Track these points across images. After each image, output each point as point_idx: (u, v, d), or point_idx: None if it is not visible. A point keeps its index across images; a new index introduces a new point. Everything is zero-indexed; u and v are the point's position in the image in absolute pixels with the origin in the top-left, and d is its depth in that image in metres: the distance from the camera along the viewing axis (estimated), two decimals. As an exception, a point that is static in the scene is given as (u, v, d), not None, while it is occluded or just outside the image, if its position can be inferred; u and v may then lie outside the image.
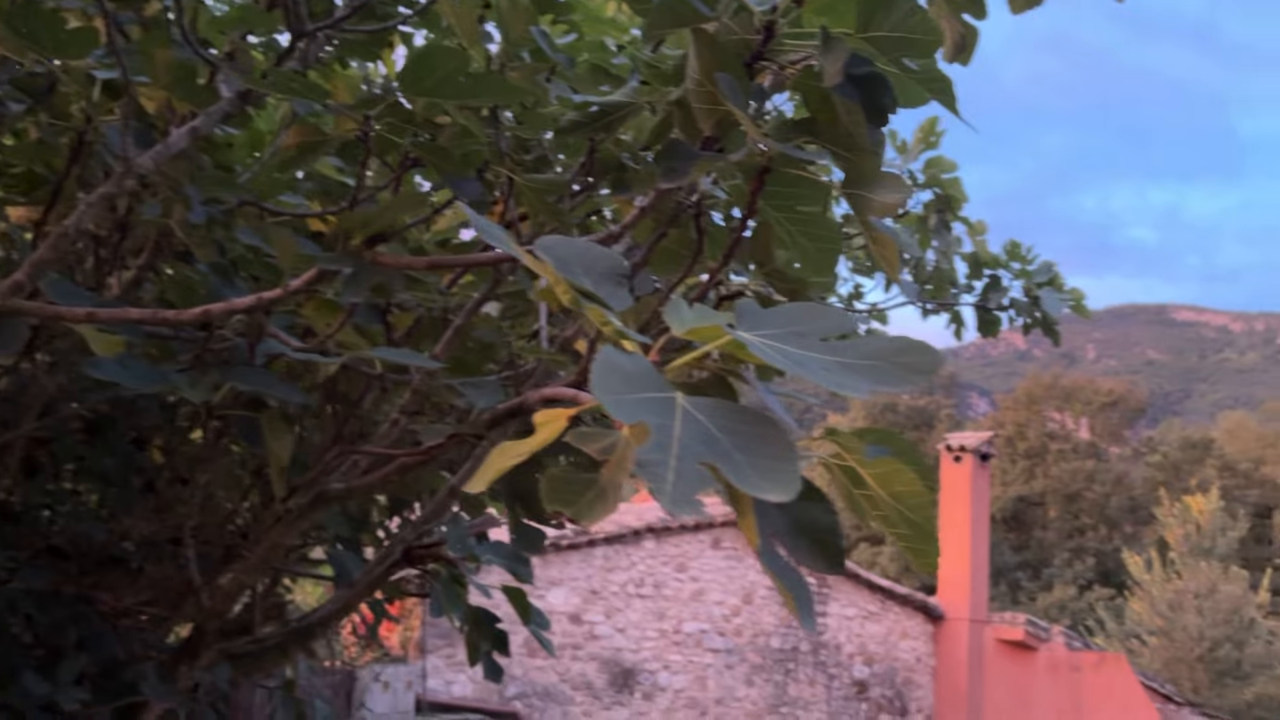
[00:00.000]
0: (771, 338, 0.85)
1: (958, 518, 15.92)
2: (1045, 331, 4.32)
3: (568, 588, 12.52)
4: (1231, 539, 21.71)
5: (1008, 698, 15.26)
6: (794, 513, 0.86)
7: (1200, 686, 17.21)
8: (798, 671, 13.94)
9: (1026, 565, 34.73)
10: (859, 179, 1.15)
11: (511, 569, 2.11)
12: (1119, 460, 39.20)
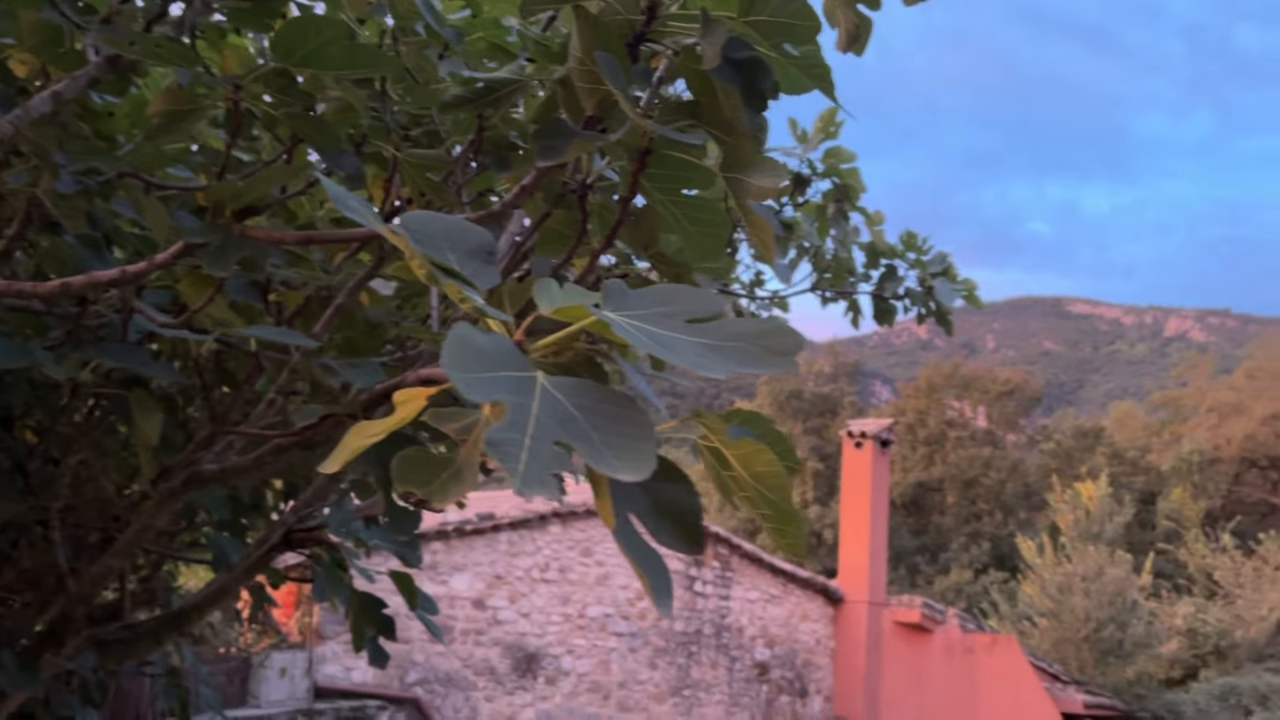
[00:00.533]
0: (638, 318, 0.85)
1: (858, 502, 16.28)
2: (939, 321, 4.42)
3: (471, 573, 12.45)
4: (1118, 524, 22.58)
5: (904, 678, 15.69)
6: (656, 494, 0.86)
7: (1086, 665, 17.89)
8: (700, 654, 14.10)
9: (925, 549, 35.66)
10: (737, 163, 1.16)
11: (399, 553, 2.08)
12: (1015, 448, 40.45)
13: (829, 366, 40.14)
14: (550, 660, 12.80)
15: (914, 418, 38.63)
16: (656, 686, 13.58)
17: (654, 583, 0.79)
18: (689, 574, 14.16)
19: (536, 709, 12.57)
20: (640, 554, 0.79)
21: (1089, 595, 18.21)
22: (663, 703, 13.58)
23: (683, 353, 0.82)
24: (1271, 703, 16.96)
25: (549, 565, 13.06)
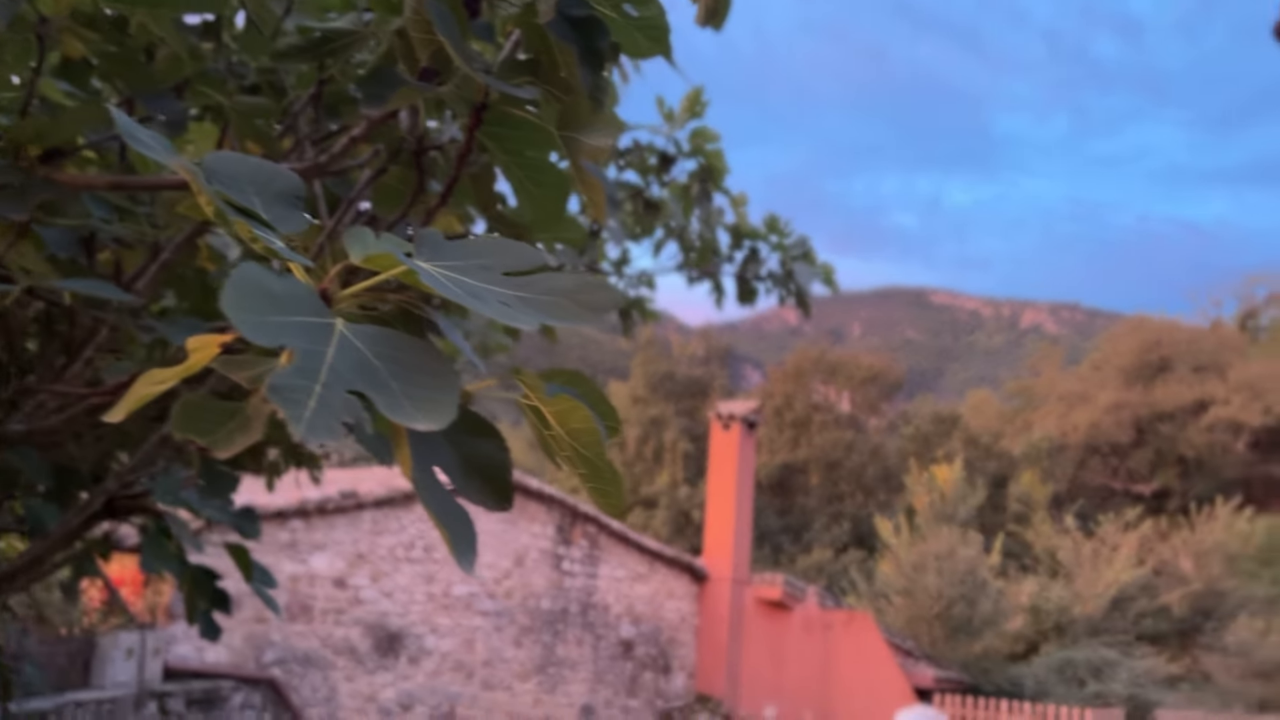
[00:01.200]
0: (451, 268, 0.82)
1: (725, 482, 16.56)
2: (798, 302, 4.51)
3: (333, 551, 12.18)
4: (971, 506, 23.59)
5: (764, 654, 16.07)
6: (464, 449, 0.84)
7: (937, 641, 18.66)
8: (566, 632, 14.14)
9: (789, 529, 36.56)
10: (572, 121, 1.14)
11: (235, 524, 2.00)
12: (876, 432, 41.78)
13: (702, 350, 40.71)
14: (413, 639, 12.65)
15: (782, 401, 39.49)
16: (521, 665, 13.57)
17: (456, 537, 0.77)
18: (557, 553, 14.18)
19: (398, 688, 12.41)
20: (442, 508, 0.77)
21: (941, 574, 18.97)
22: (527, 681, 13.58)
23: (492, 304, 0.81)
24: (1104, 674, 18.03)
25: (413, 544, 12.88)
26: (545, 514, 14.16)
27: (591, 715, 14.30)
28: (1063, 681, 17.99)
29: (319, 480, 3.96)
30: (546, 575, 14.03)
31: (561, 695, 13.93)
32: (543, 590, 13.98)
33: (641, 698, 15.07)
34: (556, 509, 14.30)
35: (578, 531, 14.52)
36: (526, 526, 13.91)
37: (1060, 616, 21.59)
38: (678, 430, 36.04)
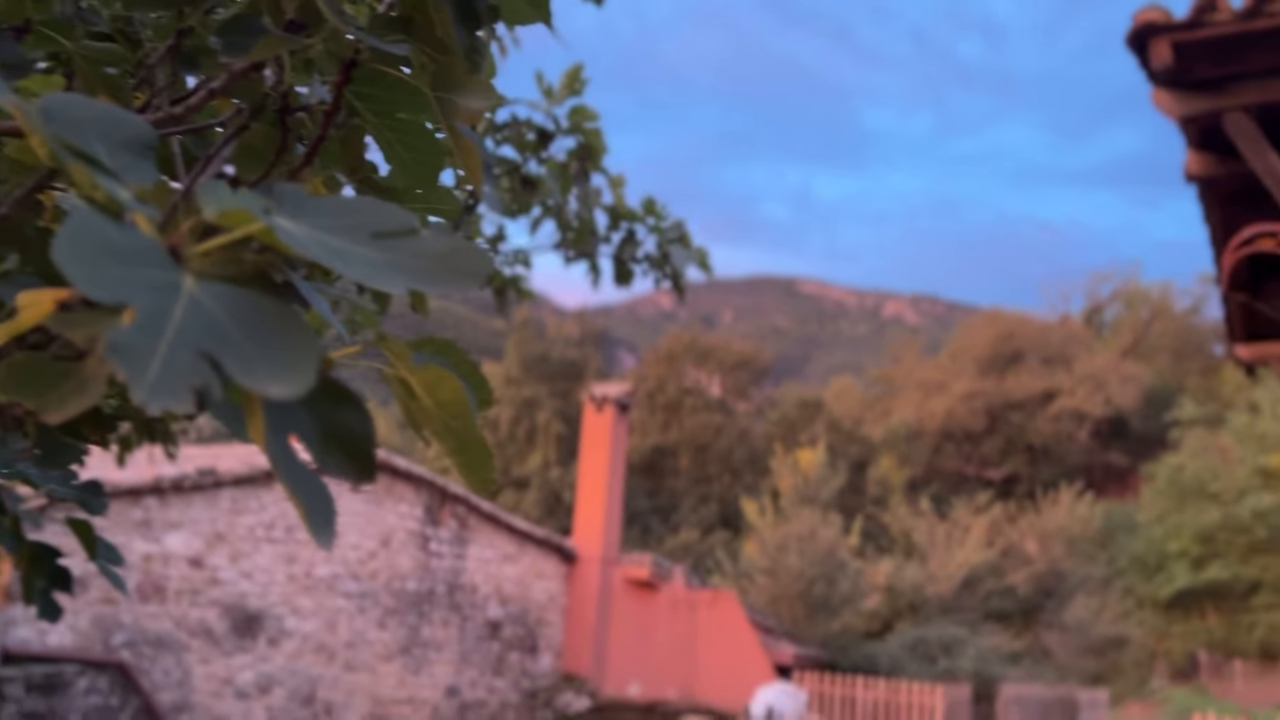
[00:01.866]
0: (315, 227, 0.78)
1: (596, 464, 16.61)
2: (673, 285, 4.53)
3: (189, 531, 11.72)
4: (832, 489, 24.31)
5: (631, 633, 16.22)
6: (324, 419, 0.80)
7: (798, 619, 19.18)
8: (432, 614, 13.97)
9: (658, 510, 36.97)
10: (447, 82, 1.11)
11: (80, 499, 1.88)
12: (745, 416, 42.56)
13: (577, 332, 40.68)
14: (273, 621, 12.29)
15: (654, 384, 39.85)
16: (385, 646, 13.34)
17: (312, 512, 0.73)
18: (424, 533, 13.98)
19: (256, 670, 12.05)
20: (297, 479, 0.73)
21: (803, 554, 19.49)
22: (391, 662, 13.37)
23: (358, 266, 0.77)
24: (953, 651, 18.84)
25: (275, 524, 12.50)
26: (413, 494, 13.94)
27: (456, 696, 14.19)
28: (915, 658, 18.73)
29: (174, 456, 3.79)
30: (413, 556, 13.82)
31: (426, 677, 13.77)
32: (409, 571, 13.77)
33: (508, 678, 15.03)
34: (425, 489, 14.09)
35: (446, 512, 14.35)
36: (393, 507, 13.67)
37: (914, 596, 22.46)
38: (551, 412, 35.99)
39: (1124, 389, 48.37)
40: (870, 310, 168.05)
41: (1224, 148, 6.19)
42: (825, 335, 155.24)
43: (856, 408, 53.97)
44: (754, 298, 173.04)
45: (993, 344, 52.55)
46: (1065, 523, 28.60)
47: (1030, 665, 22.68)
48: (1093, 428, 49.88)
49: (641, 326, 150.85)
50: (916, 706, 15.53)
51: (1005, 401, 49.94)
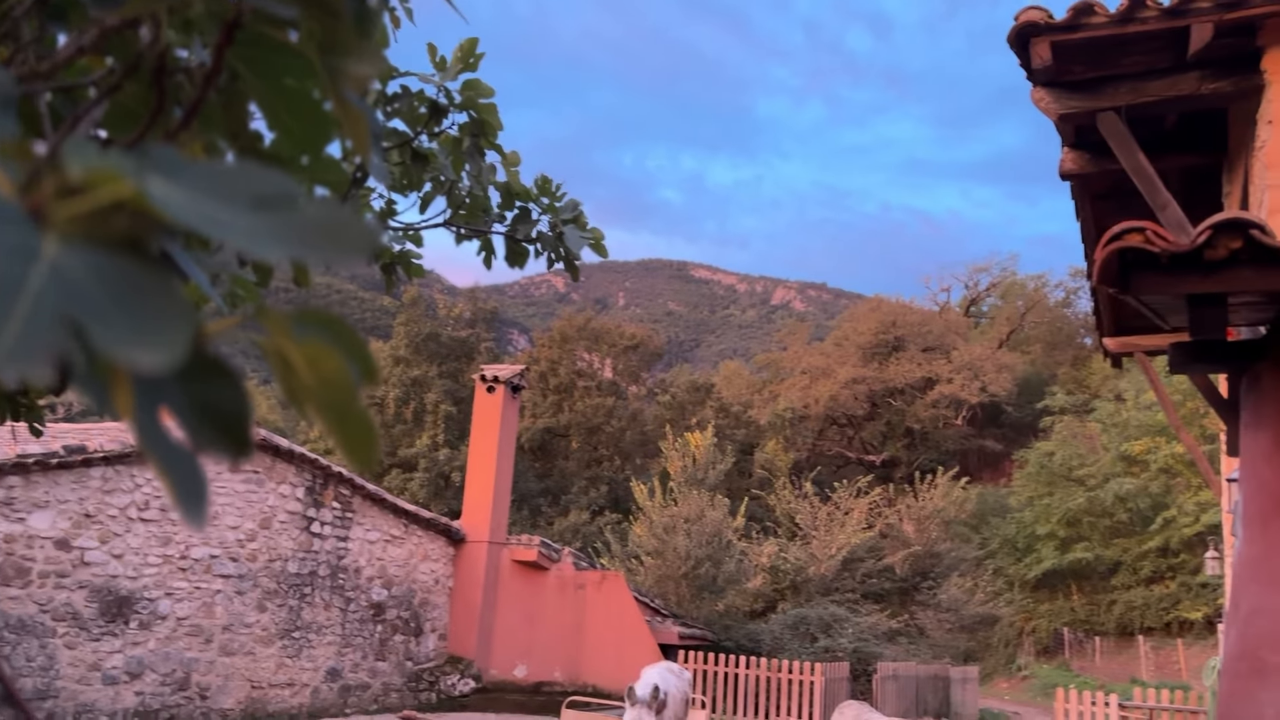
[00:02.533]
0: (191, 191, 0.75)
1: (486, 445, 16.48)
2: (567, 267, 4.50)
3: (55, 510, 11.21)
4: (720, 471, 24.62)
5: (518, 614, 16.19)
6: (198, 392, 0.77)
7: (684, 600, 19.41)
8: (314, 596, 13.69)
9: (548, 492, 36.89)
10: (335, 47, 1.07)
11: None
12: (635, 399, 42.77)
13: (468, 312, 40.17)
14: (145, 604, 11.86)
15: (546, 366, 39.70)
16: (265, 629, 13.02)
17: (182, 490, 0.70)
18: (307, 515, 13.67)
19: (126, 655, 11.62)
20: (167, 454, 0.70)
21: (690, 536, 19.71)
22: (270, 645, 13.06)
23: (236, 233, 0.74)
24: (833, 630, 19.33)
25: (148, 504, 12.05)
26: (295, 474, 13.61)
27: (338, 679, 13.94)
28: (796, 637, 19.16)
29: (41, 433, 3.61)
30: (295, 537, 13.51)
31: (307, 660, 13.49)
32: (290, 553, 13.46)
33: (391, 660, 14.83)
34: (308, 469, 13.77)
35: (330, 493, 14.05)
36: (274, 487, 13.32)
37: (796, 576, 22.96)
38: (440, 392, 35.51)
39: (999, 378, 50.27)
40: (759, 296, 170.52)
41: (1097, 147, 6.46)
42: (716, 320, 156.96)
43: (745, 392, 54.82)
44: (647, 281, 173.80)
45: (876, 332, 53.97)
46: (941, 506, 29.58)
47: (906, 643, 23.44)
48: (969, 414, 51.74)
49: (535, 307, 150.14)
50: (797, 684, 15.91)
51: (887, 388, 51.39)
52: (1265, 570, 3.60)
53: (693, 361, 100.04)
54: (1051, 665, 32.52)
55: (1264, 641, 3.56)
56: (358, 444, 0.93)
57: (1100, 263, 3.22)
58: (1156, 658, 30.22)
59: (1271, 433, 3.65)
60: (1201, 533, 28.61)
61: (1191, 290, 3.23)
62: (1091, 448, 37.84)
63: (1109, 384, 42.35)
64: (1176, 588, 32.40)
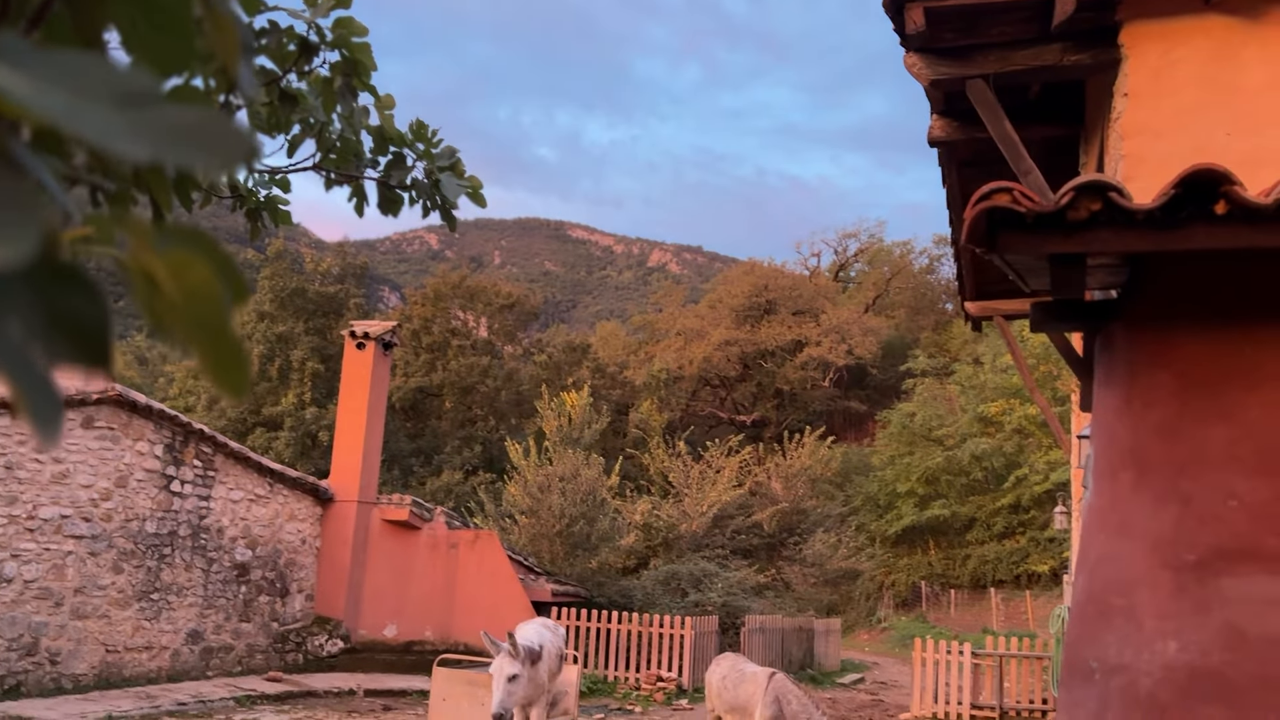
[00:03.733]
0: (41, 80, 0.69)
1: (356, 403, 16.13)
2: (443, 216, 4.40)
3: (-115, 469, 10.50)
4: (595, 431, 24.70)
5: (389, 574, 15.98)
6: (50, 300, 0.71)
7: (557, 558, 19.48)
8: (174, 557, 13.21)
9: (420, 452, 36.41)
10: (200, -52, 1.00)
11: None
12: (511, 358, 42.50)
13: (337, 267, 39.01)
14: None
15: (419, 324, 39.01)
16: (121, 591, 12.51)
17: (34, 405, 0.65)
18: (166, 473, 13.15)
19: (-34, 623, 11.01)
20: (21, 370, 0.64)
21: (565, 494, 19.76)
22: (127, 608, 12.56)
23: (97, 126, 0.68)
24: (703, 585, 19.72)
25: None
26: (153, 432, 13.05)
27: (199, 641, 13.53)
28: (668, 592, 19.48)
29: None
30: (153, 496, 12.98)
31: (166, 622, 13.03)
32: (148, 512, 12.93)
33: (256, 622, 14.47)
34: (166, 426, 13.23)
35: (191, 451, 13.54)
36: (131, 445, 12.75)
37: (669, 533, 23.31)
38: (307, 349, 34.53)
39: (865, 341, 51.81)
40: (636, 258, 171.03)
41: (964, 115, 6.66)
42: (592, 281, 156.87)
43: (621, 352, 55.10)
44: (524, 240, 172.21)
45: (748, 295, 54.87)
46: (808, 464, 30.42)
47: (773, 597, 24.13)
48: (836, 376, 53.24)
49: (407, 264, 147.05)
50: (667, 638, 16.21)
51: (758, 350, 52.40)
52: (1113, 520, 3.81)
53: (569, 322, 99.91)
54: (909, 617, 33.98)
55: (1110, 586, 3.78)
56: (227, 369, 0.88)
57: (969, 222, 3.32)
58: (1007, 609, 31.89)
59: (1122, 389, 3.85)
60: (1051, 490, 30.22)
61: (1054, 250, 3.36)
62: (950, 409, 39.43)
63: (968, 348, 44.14)
64: (1026, 543, 34.19)
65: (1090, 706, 3.76)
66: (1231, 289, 3.65)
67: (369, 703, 12.79)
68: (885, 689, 19.34)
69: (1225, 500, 3.52)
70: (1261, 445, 3.51)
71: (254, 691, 12.44)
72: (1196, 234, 3.18)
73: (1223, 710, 3.41)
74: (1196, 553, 3.53)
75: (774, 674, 7.93)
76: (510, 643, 8.29)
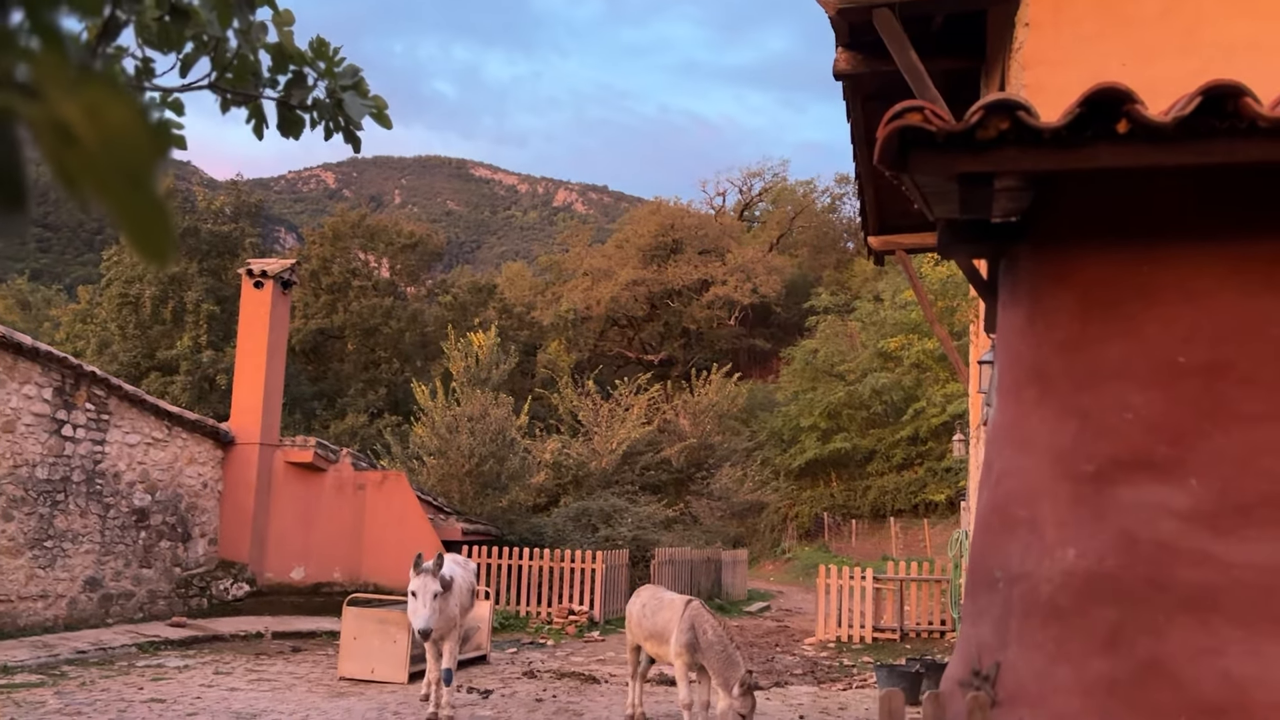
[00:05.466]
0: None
1: (255, 343, 15.73)
2: (346, 137, 4.25)
3: None
4: (503, 371, 24.54)
5: (294, 517, 15.74)
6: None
7: (467, 497, 19.40)
8: (68, 503, 12.77)
9: (323, 395, 35.75)
10: None
11: None
12: (415, 299, 41.79)
13: (230, 206, 37.63)
14: None
15: (318, 265, 38.04)
16: (11, 540, 12.06)
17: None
18: (56, 417, 12.65)
19: None
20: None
21: (474, 434, 19.64)
22: (18, 557, 12.12)
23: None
24: (613, 520, 19.92)
25: None
26: (41, 374, 12.52)
27: (98, 588, 13.16)
28: (578, 528, 19.62)
29: None
30: (43, 441, 12.49)
31: (62, 570, 12.63)
32: (39, 458, 12.45)
33: (157, 567, 14.13)
34: (55, 369, 12.70)
35: (82, 394, 13.04)
36: (18, 388, 12.21)
37: (579, 471, 23.42)
38: (202, 290, 33.41)
39: (769, 280, 52.36)
40: (541, 198, 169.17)
41: (869, 48, 6.69)
42: (497, 221, 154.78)
43: (528, 293, 54.70)
44: (425, 179, 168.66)
45: (655, 234, 54.84)
46: (715, 400, 30.77)
47: (681, 530, 24.50)
48: (741, 315, 53.81)
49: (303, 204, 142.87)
50: (579, 571, 16.36)
51: (665, 289, 52.57)
52: (1016, 435, 3.94)
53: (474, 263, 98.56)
54: (812, 547, 34.93)
55: (1013, 498, 3.92)
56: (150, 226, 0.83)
57: (881, 141, 3.34)
58: (906, 537, 33.01)
59: (1025, 309, 3.96)
60: (948, 422, 31.21)
61: (963, 169, 3.41)
62: (852, 345, 40.27)
63: (869, 286, 44.99)
64: (924, 473, 35.33)
65: (993, 614, 3.91)
66: (1131, 210, 3.77)
67: (278, 645, 12.65)
68: (791, 616, 19.91)
69: (1121, 413, 3.66)
70: (1156, 360, 3.65)
71: (157, 638, 12.18)
72: (1100, 153, 3.27)
73: (1116, 611, 3.58)
74: (1095, 464, 3.68)
75: (690, 601, 8.08)
76: (435, 562, 8.26)
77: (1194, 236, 3.67)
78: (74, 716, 7.96)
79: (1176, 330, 3.62)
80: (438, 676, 8.60)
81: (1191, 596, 3.49)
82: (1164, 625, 3.51)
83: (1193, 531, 3.52)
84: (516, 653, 13.23)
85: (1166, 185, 3.68)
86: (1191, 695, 3.44)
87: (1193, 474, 3.55)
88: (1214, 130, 3.16)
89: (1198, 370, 3.59)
